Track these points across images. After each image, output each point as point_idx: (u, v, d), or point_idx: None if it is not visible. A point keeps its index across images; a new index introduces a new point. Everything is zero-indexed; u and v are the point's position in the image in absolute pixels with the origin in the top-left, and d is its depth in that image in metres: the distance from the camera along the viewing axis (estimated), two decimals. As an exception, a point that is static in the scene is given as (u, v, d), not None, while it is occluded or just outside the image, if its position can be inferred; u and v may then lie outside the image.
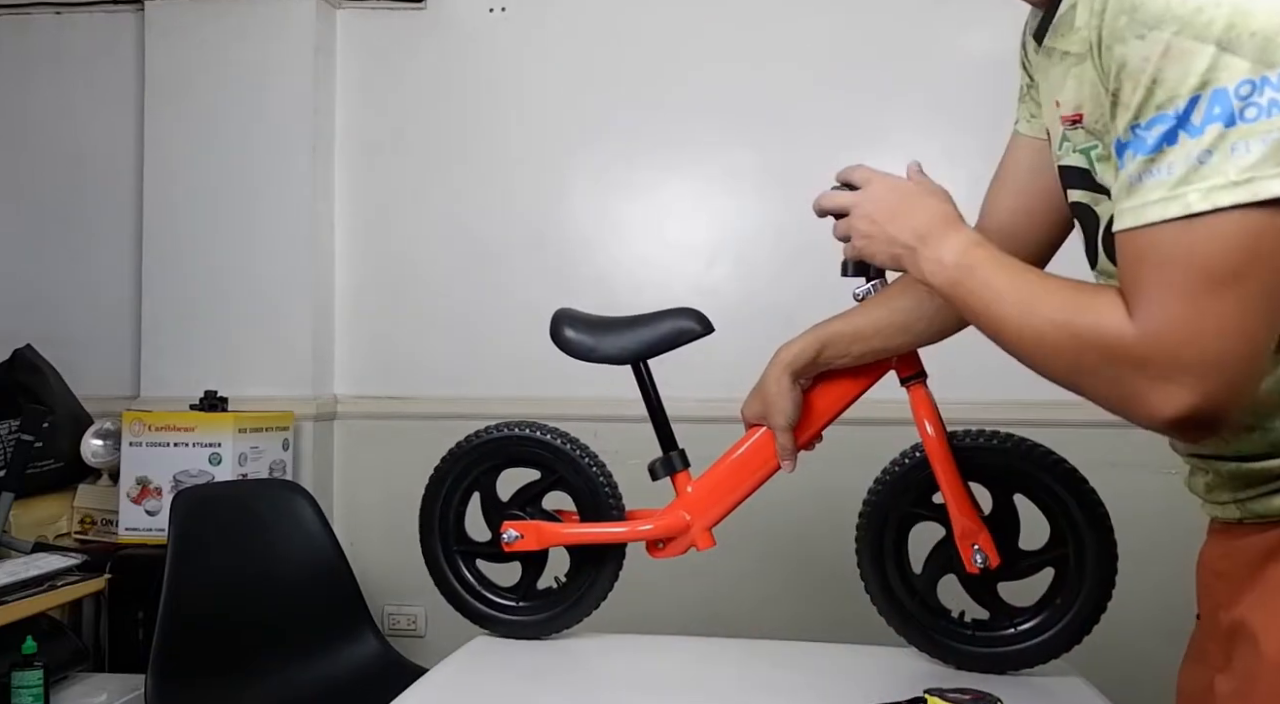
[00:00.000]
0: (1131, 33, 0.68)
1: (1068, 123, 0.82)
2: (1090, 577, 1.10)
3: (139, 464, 2.19)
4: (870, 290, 1.08)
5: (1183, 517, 2.05)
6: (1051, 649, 1.11)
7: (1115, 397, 0.74)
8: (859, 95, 2.32)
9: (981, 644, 1.12)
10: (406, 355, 2.52)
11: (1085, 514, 1.09)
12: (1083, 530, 1.10)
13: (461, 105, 2.50)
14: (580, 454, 1.23)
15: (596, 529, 1.22)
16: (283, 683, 1.69)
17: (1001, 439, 1.12)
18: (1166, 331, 0.68)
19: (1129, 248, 0.70)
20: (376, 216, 2.55)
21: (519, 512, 1.25)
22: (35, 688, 1.69)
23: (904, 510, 1.15)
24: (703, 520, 1.19)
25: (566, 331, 1.22)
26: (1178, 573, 1.39)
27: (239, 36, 2.45)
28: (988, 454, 1.11)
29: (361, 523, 2.46)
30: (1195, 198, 0.65)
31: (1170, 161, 0.67)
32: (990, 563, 1.09)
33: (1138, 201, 0.69)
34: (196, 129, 2.46)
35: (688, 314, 1.22)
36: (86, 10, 2.59)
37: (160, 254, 2.47)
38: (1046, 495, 1.11)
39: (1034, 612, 1.12)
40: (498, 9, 2.50)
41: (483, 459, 1.26)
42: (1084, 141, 0.81)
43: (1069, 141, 0.83)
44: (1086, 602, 1.11)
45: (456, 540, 1.29)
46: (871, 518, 1.15)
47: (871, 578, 1.16)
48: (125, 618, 2.09)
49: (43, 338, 2.44)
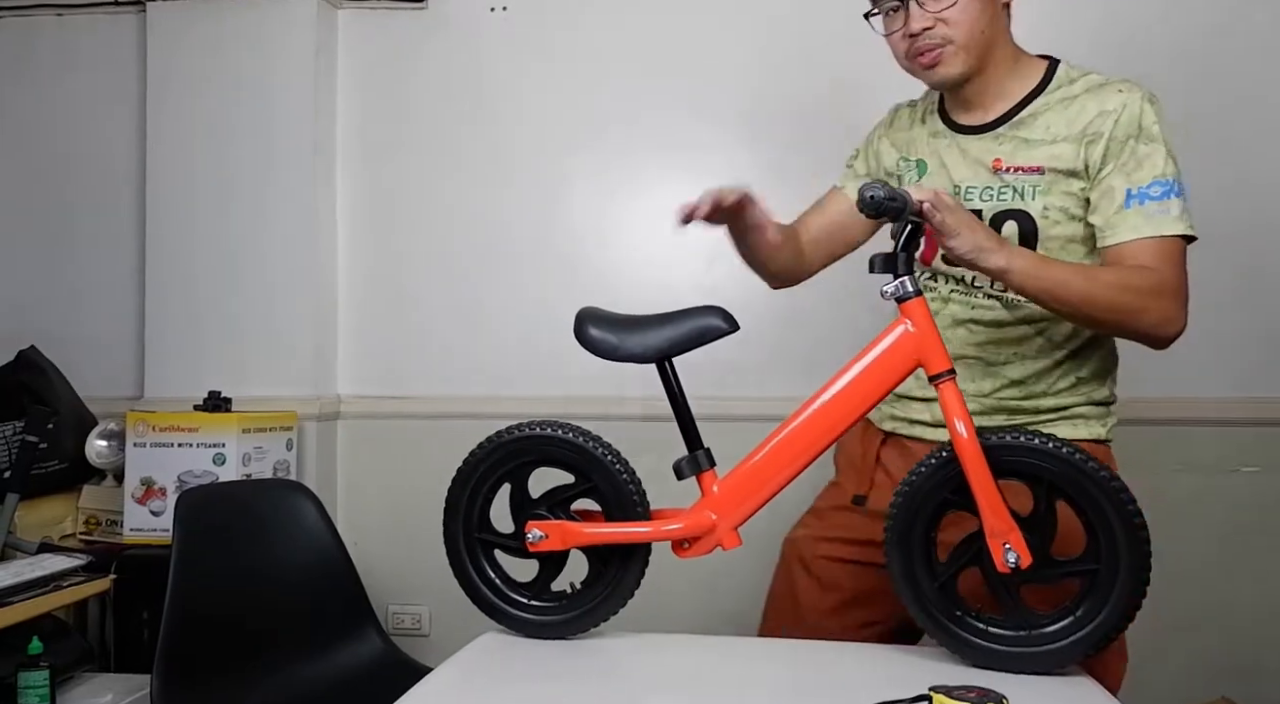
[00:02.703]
0: (1143, 140, 1.30)
1: (1010, 172, 1.34)
2: (1117, 595, 1.09)
3: (143, 465, 2.20)
4: (899, 287, 1.13)
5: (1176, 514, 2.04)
6: (1065, 657, 1.10)
7: (1160, 320, 1.28)
8: (859, 95, 2.31)
9: (994, 641, 1.12)
10: (409, 355, 2.53)
11: (1125, 533, 1.08)
12: (1120, 548, 1.08)
13: (463, 104, 2.50)
14: (609, 456, 1.22)
15: (623, 529, 1.21)
16: (287, 682, 1.69)
17: (1043, 440, 1.11)
18: (1180, 282, 1.30)
19: (1150, 243, 1.29)
20: (378, 216, 2.55)
21: (544, 512, 1.24)
22: (41, 688, 1.69)
23: (939, 500, 1.14)
24: (729, 520, 1.19)
25: (591, 330, 1.22)
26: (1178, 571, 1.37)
27: (240, 37, 2.45)
28: (1027, 454, 1.10)
29: (365, 522, 2.47)
30: (1183, 227, 1.31)
31: (1170, 206, 1.30)
32: (1022, 563, 1.09)
33: (1156, 223, 1.29)
34: (199, 130, 2.46)
35: (713, 312, 1.21)
36: (88, 12, 2.59)
37: (163, 255, 2.48)
38: (1089, 506, 1.09)
39: (1054, 619, 1.11)
40: (499, 8, 2.49)
41: (518, 454, 1.25)
42: (1023, 180, 1.34)
43: (1005, 187, 1.35)
44: (1109, 618, 1.09)
45: (479, 528, 1.28)
46: (903, 507, 1.15)
47: (896, 562, 1.16)
48: (130, 618, 2.09)
49: (47, 339, 2.45)
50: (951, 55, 1.31)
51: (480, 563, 1.27)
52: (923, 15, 1.30)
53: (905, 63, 1.36)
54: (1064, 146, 1.31)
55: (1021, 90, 1.36)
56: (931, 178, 1.41)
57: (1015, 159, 1.33)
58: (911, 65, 1.35)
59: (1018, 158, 1.33)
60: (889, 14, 1.34)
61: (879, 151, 1.52)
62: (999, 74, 1.36)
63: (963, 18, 1.30)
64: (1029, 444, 1.10)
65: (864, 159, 1.55)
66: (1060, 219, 1.33)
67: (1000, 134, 1.36)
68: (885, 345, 1.16)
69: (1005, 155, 1.34)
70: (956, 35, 1.30)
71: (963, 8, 1.29)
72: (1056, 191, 1.32)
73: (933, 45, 1.31)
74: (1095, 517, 1.09)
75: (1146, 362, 2.27)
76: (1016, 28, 1.39)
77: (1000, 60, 1.35)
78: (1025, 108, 1.35)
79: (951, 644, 1.14)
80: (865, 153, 1.55)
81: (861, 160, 1.55)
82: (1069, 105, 1.32)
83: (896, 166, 1.48)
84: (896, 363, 1.16)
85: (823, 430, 1.18)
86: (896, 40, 1.35)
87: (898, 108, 1.54)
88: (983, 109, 1.38)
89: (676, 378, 1.23)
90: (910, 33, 1.31)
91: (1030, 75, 1.36)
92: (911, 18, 1.30)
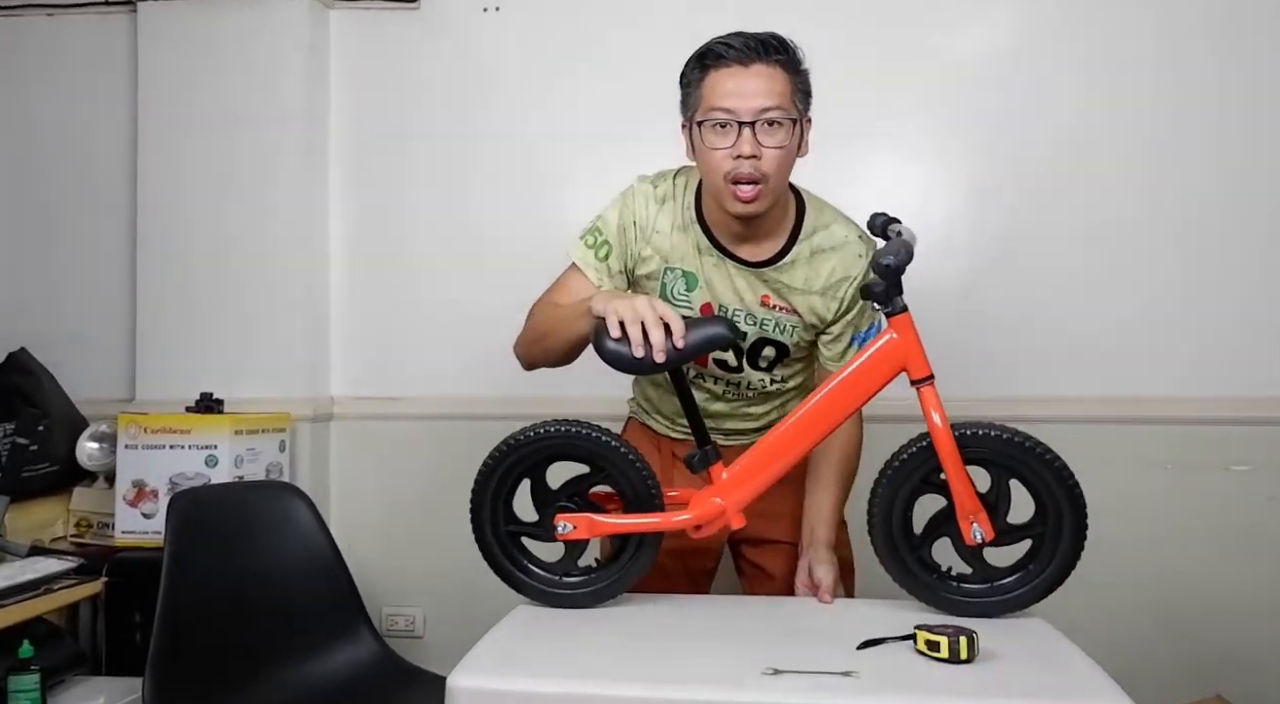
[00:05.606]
0: (854, 304, 1.50)
1: (775, 310, 1.51)
2: (1062, 551, 1.29)
3: (135, 467, 2.19)
4: (889, 306, 1.27)
5: (1172, 506, 2.05)
6: (1021, 603, 1.31)
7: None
8: (859, 96, 2.32)
9: (964, 595, 1.31)
10: (402, 356, 2.52)
11: (1068, 502, 1.28)
12: (1064, 514, 1.28)
13: (455, 104, 2.50)
14: (628, 453, 1.33)
15: (642, 520, 1.34)
16: (280, 685, 1.69)
17: (1008, 433, 1.28)
18: None
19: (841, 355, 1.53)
20: (371, 217, 2.55)
21: (568, 503, 1.36)
22: (32, 692, 1.68)
23: (914, 484, 1.31)
24: (734, 504, 1.34)
25: (609, 343, 1.30)
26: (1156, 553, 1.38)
27: (232, 37, 2.44)
28: (992, 443, 1.28)
29: (359, 524, 2.46)
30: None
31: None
32: (986, 538, 1.28)
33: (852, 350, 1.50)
34: (190, 130, 2.45)
35: (719, 322, 1.36)
36: (79, 12, 2.58)
37: (155, 256, 2.47)
38: (1037, 482, 1.29)
39: (1009, 572, 1.32)
40: (491, 8, 2.49)
41: (539, 451, 1.36)
42: (785, 319, 1.51)
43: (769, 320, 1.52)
44: (1055, 569, 1.30)
45: (506, 520, 1.38)
46: (884, 490, 1.32)
47: (880, 537, 1.32)
48: (122, 621, 2.09)
49: (37, 341, 2.44)
50: (763, 195, 1.40)
51: (510, 551, 1.38)
52: (754, 143, 1.37)
53: (719, 181, 1.40)
54: (815, 299, 1.50)
55: (783, 234, 1.48)
56: (699, 293, 1.50)
57: (779, 299, 1.50)
58: (725, 188, 1.40)
59: (781, 299, 1.50)
60: (717, 128, 1.38)
61: (641, 255, 1.51)
62: (775, 216, 1.47)
63: (781, 163, 1.39)
64: (988, 435, 1.28)
65: (619, 257, 1.51)
66: (803, 346, 1.55)
67: (765, 275, 1.49)
68: (873, 352, 1.29)
69: (772, 295, 1.50)
70: (771, 176, 1.39)
71: (785, 154, 1.39)
72: (804, 329, 1.53)
73: (754, 179, 1.38)
74: (1043, 490, 1.28)
75: (1136, 362, 2.31)
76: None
77: (780, 204, 1.46)
78: (786, 255, 1.48)
79: (931, 599, 1.32)
80: (621, 251, 1.51)
81: (616, 258, 1.51)
82: (818, 262, 1.49)
83: (659, 273, 1.51)
84: (883, 368, 1.29)
85: (819, 424, 1.33)
86: (722, 158, 1.39)
87: (646, 204, 1.51)
88: (754, 246, 1.48)
89: (686, 382, 1.37)
90: (739, 153, 1.37)
91: (788, 216, 1.49)
92: (742, 140, 1.37)
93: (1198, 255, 2.27)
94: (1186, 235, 2.27)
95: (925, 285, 1.92)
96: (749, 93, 1.36)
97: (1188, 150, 2.27)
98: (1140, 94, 2.28)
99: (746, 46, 1.37)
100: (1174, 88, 2.27)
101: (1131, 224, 2.28)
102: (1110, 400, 2.27)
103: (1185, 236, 2.27)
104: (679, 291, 1.50)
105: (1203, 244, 2.27)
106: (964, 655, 1.10)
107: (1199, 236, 2.27)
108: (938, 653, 1.12)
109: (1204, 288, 2.27)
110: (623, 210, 1.51)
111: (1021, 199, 2.32)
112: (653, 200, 1.50)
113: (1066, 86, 2.31)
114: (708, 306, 1.50)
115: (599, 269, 1.51)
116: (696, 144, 1.42)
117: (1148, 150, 2.28)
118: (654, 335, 1.27)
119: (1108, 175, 2.29)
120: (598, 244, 1.51)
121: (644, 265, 1.51)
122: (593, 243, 1.51)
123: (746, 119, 1.36)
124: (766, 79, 1.37)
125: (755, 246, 1.48)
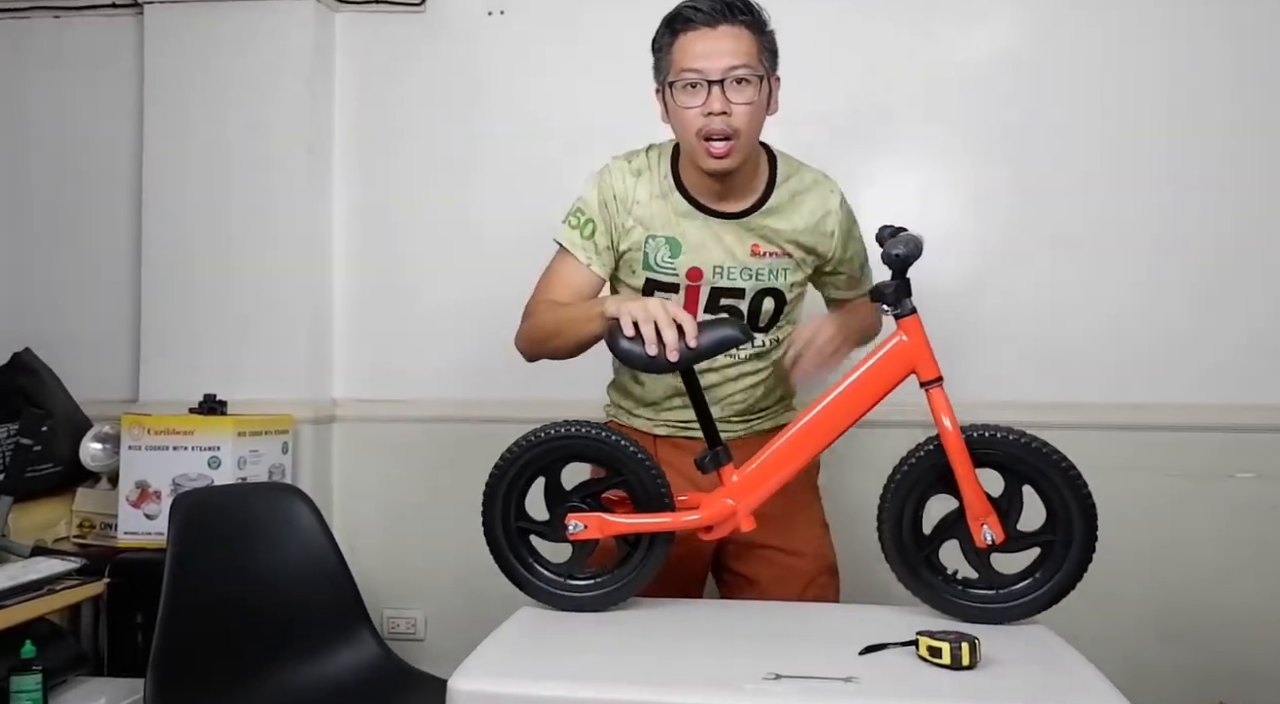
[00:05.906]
0: (855, 227, 1.61)
1: (767, 257, 1.55)
2: (1071, 560, 1.28)
3: (138, 468, 2.19)
4: (899, 308, 1.29)
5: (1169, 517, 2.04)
6: (1027, 611, 1.30)
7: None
8: (858, 96, 2.32)
9: (970, 599, 1.31)
10: (405, 358, 2.52)
11: (1080, 511, 1.27)
12: (1074, 522, 1.27)
13: (460, 107, 2.50)
14: (639, 453, 1.35)
15: (653, 520, 1.35)
16: (282, 687, 1.69)
17: (1017, 436, 1.28)
18: None
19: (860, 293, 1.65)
20: (375, 219, 2.55)
21: (579, 503, 1.37)
22: (34, 692, 1.68)
23: (925, 486, 1.31)
24: (745, 506, 1.35)
25: (623, 342, 1.33)
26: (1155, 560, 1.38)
27: (238, 40, 2.45)
28: (1003, 445, 1.28)
29: (361, 526, 2.46)
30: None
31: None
32: (996, 539, 1.28)
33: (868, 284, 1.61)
34: (196, 132, 2.46)
35: (730, 324, 1.39)
36: (85, 13, 2.59)
37: (159, 258, 2.47)
38: (1050, 489, 1.28)
39: (1016, 579, 1.31)
40: (496, 11, 2.50)
41: (556, 451, 1.37)
42: (778, 263, 1.56)
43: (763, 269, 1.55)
44: (1063, 578, 1.29)
45: (518, 517, 1.39)
46: (896, 490, 1.32)
47: (888, 538, 1.32)
48: (124, 622, 2.08)
49: (41, 341, 2.44)
50: (736, 151, 1.45)
51: (519, 549, 1.39)
52: (723, 100, 1.42)
53: (692, 139, 1.45)
54: (804, 236, 1.56)
55: (760, 184, 1.54)
56: (684, 258, 1.53)
57: (769, 245, 1.54)
58: (698, 145, 1.45)
59: (770, 244, 1.54)
60: (688, 88, 1.44)
61: (624, 227, 1.54)
62: (749, 170, 1.52)
63: (751, 118, 1.44)
64: (1000, 437, 1.27)
65: (604, 233, 1.55)
66: (797, 291, 1.61)
67: (752, 223, 1.53)
68: (882, 354, 1.31)
69: (761, 242, 1.54)
70: (742, 131, 1.44)
71: (754, 110, 1.44)
72: (795, 270, 1.57)
73: (726, 134, 1.43)
74: (1055, 497, 1.28)
75: (1140, 368, 2.30)
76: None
77: (752, 159, 1.51)
78: (767, 201, 1.54)
79: (937, 603, 1.32)
80: (606, 226, 1.55)
81: (602, 234, 1.55)
82: (798, 203, 1.55)
83: (643, 244, 1.55)
84: (892, 370, 1.31)
85: (830, 426, 1.34)
86: (694, 116, 1.44)
87: (623, 177, 1.55)
88: (735, 200, 1.53)
89: (698, 382, 1.38)
90: (710, 111, 1.42)
91: (761, 169, 1.54)
92: (713, 98, 1.42)
93: (1205, 262, 2.26)
94: (1193, 241, 2.26)
95: (926, 288, 1.91)
96: (717, 53, 1.42)
97: (1198, 154, 2.26)
98: (1147, 97, 2.27)
99: (713, 9, 1.42)
100: (1182, 90, 2.26)
101: (1137, 229, 2.28)
102: (1115, 407, 2.26)
103: (1192, 242, 2.26)
104: (663, 259, 1.53)
105: (1211, 250, 2.26)
106: (966, 662, 1.11)
107: (1207, 243, 2.26)
108: (939, 659, 1.12)
109: (1212, 294, 2.26)
110: (601, 186, 1.55)
111: (1025, 202, 2.31)
112: (629, 174, 1.55)
113: (1070, 89, 2.30)
114: (694, 271, 1.53)
115: (585, 247, 1.56)
116: (670, 105, 1.48)
117: (1155, 154, 2.27)
118: (667, 335, 1.30)
119: (1113, 179, 2.28)
120: (581, 224, 1.56)
121: (627, 238, 1.55)
122: (576, 223, 1.56)
123: (715, 77, 1.41)
124: (733, 39, 1.42)
125: (737, 201, 1.53)
